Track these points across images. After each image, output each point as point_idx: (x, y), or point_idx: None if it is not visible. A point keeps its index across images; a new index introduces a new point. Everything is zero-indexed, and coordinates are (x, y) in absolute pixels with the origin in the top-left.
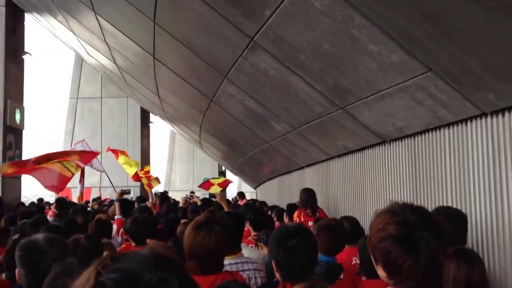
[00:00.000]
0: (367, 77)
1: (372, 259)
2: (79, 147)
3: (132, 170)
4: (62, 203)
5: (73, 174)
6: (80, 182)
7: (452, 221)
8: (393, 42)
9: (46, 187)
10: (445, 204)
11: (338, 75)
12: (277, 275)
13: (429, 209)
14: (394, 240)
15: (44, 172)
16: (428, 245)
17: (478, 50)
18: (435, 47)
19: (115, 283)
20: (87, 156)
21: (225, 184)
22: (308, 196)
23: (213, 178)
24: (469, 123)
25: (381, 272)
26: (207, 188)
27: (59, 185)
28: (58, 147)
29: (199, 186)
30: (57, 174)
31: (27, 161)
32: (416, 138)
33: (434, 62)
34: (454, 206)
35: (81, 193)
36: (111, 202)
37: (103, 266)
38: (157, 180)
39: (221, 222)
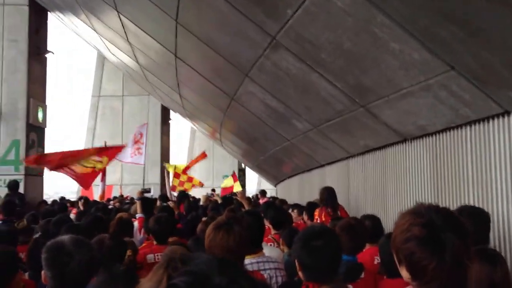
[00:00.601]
0: (389, 75)
1: (396, 260)
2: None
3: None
4: (86, 201)
5: (94, 168)
6: (102, 180)
7: (475, 220)
8: (415, 40)
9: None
10: (467, 203)
11: (360, 74)
12: (300, 274)
13: (451, 208)
14: (418, 242)
15: (68, 171)
16: (453, 247)
17: (502, 49)
18: (458, 46)
19: (187, 285)
20: (111, 152)
21: (236, 178)
22: (329, 195)
23: (228, 181)
24: (491, 122)
25: (404, 273)
26: (231, 191)
27: (87, 181)
28: (80, 146)
29: (222, 196)
30: (81, 175)
31: (53, 155)
32: (438, 136)
33: (457, 60)
34: (476, 205)
35: (103, 192)
36: (132, 200)
37: (174, 269)
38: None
39: (242, 222)
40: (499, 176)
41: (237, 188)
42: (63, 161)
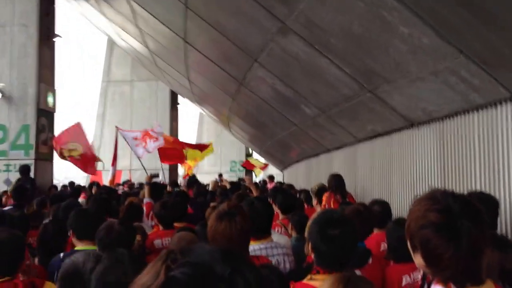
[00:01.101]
0: (397, 60)
1: (409, 246)
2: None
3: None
4: (98, 186)
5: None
6: (112, 165)
7: (483, 205)
8: (425, 24)
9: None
10: (474, 189)
11: (368, 58)
12: (313, 257)
13: None
14: (435, 228)
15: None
16: (470, 234)
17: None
18: (467, 31)
19: (188, 277)
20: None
21: (264, 168)
22: (337, 182)
23: (255, 160)
24: (499, 107)
25: (419, 260)
26: (250, 167)
27: (85, 166)
28: (90, 130)
29: (242, 165)
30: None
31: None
32: (445, 121)
33: (466, 45)
34: (484, 191)
35: (113, 176)
36: (141, 185)
37: (173, 261)
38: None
39: (243, 212)
40: (506, 161)
41: (258, 173)
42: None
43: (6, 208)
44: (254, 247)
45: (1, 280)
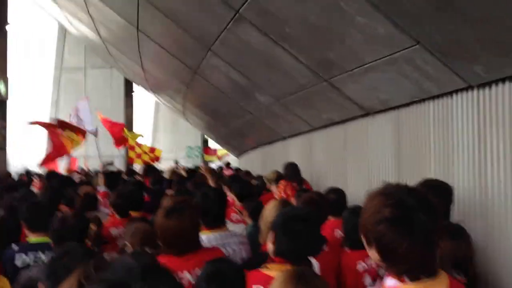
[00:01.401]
0: (353, 49)
1: (364, 241)
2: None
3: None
4: (54, 176)
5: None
6: (67, 155)
7: (436, 193)
8: (381, 14)
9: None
10: (428, 177)
11: (324, 48)
12: (271, 246)
13: (412, 181)
14: (389, 223)
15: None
16: (424, 228)
17: (470, 22)
18: (424, 20)
19: None
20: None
21: (222, 158)
22: (293, 170)
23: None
24: (454, 96)
25: (374, 255)
26: (212, 153)
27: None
28: (44, 118)
29: (203, 151)
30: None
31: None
32: (400, 110)
33: (422, 34)
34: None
35: (69, 164)
36: (97, 172)
37: (86, 277)
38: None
39: (191, 203)
40: (461, 151)
41: (212, 159)
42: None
43: None
44: (209, 237)
45: None
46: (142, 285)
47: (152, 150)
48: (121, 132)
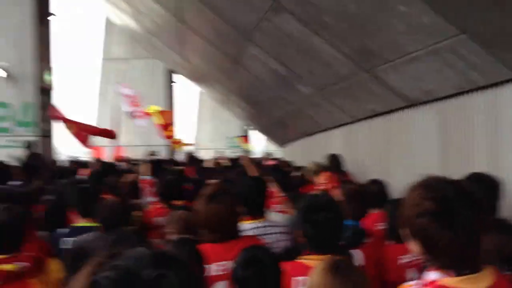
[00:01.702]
0: (395, 39)
1: (405, 234)
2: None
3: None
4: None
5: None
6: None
7: (482, 186)
8: (425, 3)
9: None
10: (473, 170)
11: (365, 37)
12: (302, 242)
13: (458, 174)
14: (431, 216)
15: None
16: (466, 221)
17: None
18: (469, 9)
19: (111, 282)
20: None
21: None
22: (335, 162)
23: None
24: (501, 87)
25: (415, 248)
26: (245, 142)
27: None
28: (93, 109)
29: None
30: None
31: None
32: (446, 101)
33: (467, 24)
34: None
35: (115, 152)
36: (140, 161)
37: (99, 265)
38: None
39: (230, 191)
40: (509, 143)
41: (247, 147)
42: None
43: (13, 183)
44: (251, 225)
45: (6, 256)
46: (151, 272)
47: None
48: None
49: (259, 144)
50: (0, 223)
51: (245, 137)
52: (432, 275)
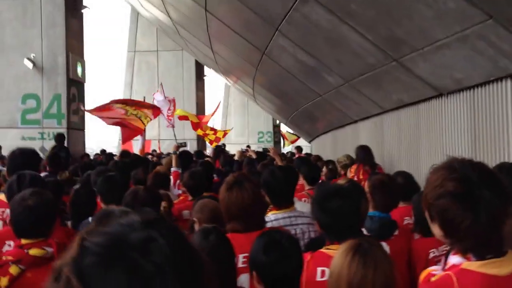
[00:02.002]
0: (423, 26)
1: (427, 216)
2: (158, 97)
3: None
4: (126, 155)
5: (144, 126)
6: (141, 135)
7: None
8: None
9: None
10: (506, 160)
11: (392, 25)
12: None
13: (489, 166)
14: (452, 198)
15: (122, 123)
16: (489, 204)
17: None
18: None
19: (99, 247)
20: (156, 110)
21: (295, 142)
22: (365, 153)
23: (288, 134)
24: None
25: (436, 230)
26: (285, 138)
27: (130, 135)
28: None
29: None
30: (132, 125)
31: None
32: (476, 90)
33: (495, 8)
34: None
35: (143, 146)
36: (169, 154)
37: (88, 232)
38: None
39: (252, 179)
40: None
41: (287, 144)
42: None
43: (41, 175)
44: (277, 216)
45: (33, 241)
46: (140, 235)
47: (214, 131)
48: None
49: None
50: (29, 206)
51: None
52: (454, 259)
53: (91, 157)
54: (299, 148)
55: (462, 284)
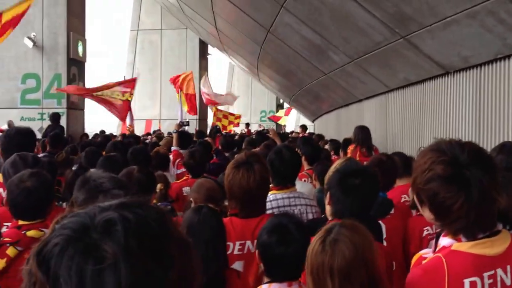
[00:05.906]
0: (431, 2)
1: (416, 200)
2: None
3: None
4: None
5: (126, 101)
6: (129, 110)
7: None
8: None
9: (112, 112)
10: (511, 140)
11: (399, 1)
12: (329, 208)
13: (494, 145)
14: (442, 181)
15: (103, 101)
16: (480, 183)
17: None
18: None
19: (65, 229)
20: (128, 83)
21: (288, 112)
22: (364, 134)
23: (279, 112)
24: None
25: (427, 214)
26: (276, 120)
27: (120, 113)
28: (120, 78)
29: (269, 118)
30: (113, 104)
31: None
32: (482, 68)
33: None
34: None
35: (130, 125)
36: (170, 134)
37: (64, 216)
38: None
39: (263, 161)
40: None
41: (283, 121)
42: (90, 92)
43: (40, 155)
44: (277, 196)
45: (31, 223)
46: (104, 217)
47: (225, 116)
48: (194, 101)
49: (292, 118)
50: (27, 188)
51: (274, 116)
52: (445, 241)
53: (92, 138)
54: (304, 127)
55: (451, 266)
